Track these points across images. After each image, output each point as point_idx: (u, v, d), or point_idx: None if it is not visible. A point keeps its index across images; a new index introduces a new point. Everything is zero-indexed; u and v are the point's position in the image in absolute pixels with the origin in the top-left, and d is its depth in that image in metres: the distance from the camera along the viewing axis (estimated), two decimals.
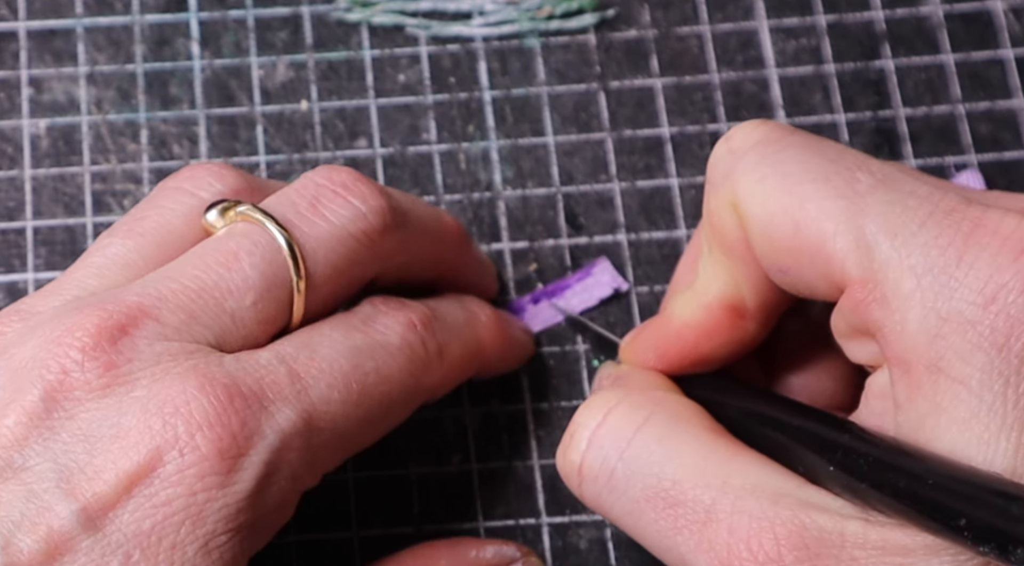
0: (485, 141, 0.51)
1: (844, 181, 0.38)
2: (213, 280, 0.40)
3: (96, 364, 0.38)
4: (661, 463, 0.40)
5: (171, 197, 0.42)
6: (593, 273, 0.50)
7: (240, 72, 0.52)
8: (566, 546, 0.46)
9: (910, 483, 0.36)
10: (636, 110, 0.52)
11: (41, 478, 0.37)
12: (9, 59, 0.52)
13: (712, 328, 0.43)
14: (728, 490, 0.38)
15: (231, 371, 0.38)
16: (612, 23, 0.53)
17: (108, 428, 0.37)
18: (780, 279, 0.40)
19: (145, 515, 0.37)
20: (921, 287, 0.36)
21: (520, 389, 0.48)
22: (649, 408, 0.41)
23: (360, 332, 0.41)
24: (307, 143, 0.51)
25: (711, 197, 0.41)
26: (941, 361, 0.36)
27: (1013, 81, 0.53)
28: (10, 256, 0.49)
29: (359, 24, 0.53)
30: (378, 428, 0.42)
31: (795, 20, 0.53)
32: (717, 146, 0.41)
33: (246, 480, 0.38)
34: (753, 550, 0.37)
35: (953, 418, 0.36)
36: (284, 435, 0.39)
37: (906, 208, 0.37)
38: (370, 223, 0.42)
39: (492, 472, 0.47)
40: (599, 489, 0.41)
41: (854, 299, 0.38)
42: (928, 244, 0.37)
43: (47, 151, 0.51)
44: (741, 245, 0.41)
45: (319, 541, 0.46)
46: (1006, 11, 0.53)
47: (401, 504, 0.47)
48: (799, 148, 0.40)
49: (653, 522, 0.39)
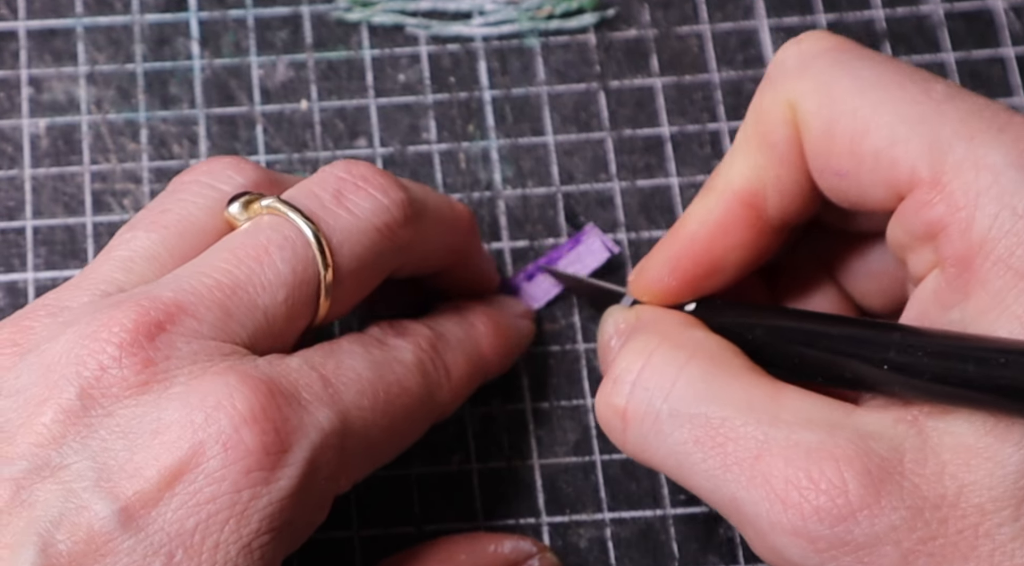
0: (485, 140, 0.51)
1: (920, 89, 0.39)
2: (246, 275, 0.39)
3: (134, 361, 0.37)
4: (708, 402, 0.39)
5: (191, 190, 0.42)
6: (583, 240, 0.50)
7: (240, 72, 0.52)
8: (566, 546, 0.46)
9: (980, 367, 0.35)
10: (636, 110, 0.52)
11: (80, 476, 0.36)
12: (9, 59, 0.52)
13: (728, 224, 0.42)
14: (780, 424, 0.38)
15: (267, 372, 0.38)
16: (612, 23, 0.53)
17: (148, 424, 0.37)
18: (833, 184, 0.40)
19: (188, 513, 0.36)
20: (998, 183, 0.37)
21: (520, 389, 0.48)
22: (690, 348, 0.40)
23: (377, 348, 0.41)
24: (307, 143, 0.51)
25: (766, 94, 0.41)
26: (1012, 257, 0.36)
27: (1014, 79, 0.53)
28: (10, 256, 0.49)
29: (359, 24, 0.53)
30: (400, 441, 0.42)
31: (795, 19, 0.53)
32: (784, 47, 0.41)
33: (290, 477, 0.37)
34: (814, 478, 0.37)
35: (1016, 313, 0.36)
36: (324, 433, 0.38)
37: (983, 117, 0.38)
38: (392, 215, 0.41)
39: (492, 472, 0.47)
40: (644, 433, 0.40)
41: (919, 201, 0.38)
42: (1008, 145, 0.37)
43: (47, 151, 0.51)
44: (784, 145, 0.40)
45: (319, 541, 0.46)
46: (1006, 9, 0.53)
47: (401, 504, 0.47)
48: (872, 59, 0.40)
49: (701, 462, 0.39)
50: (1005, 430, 0.36)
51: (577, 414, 0.48)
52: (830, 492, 0.36)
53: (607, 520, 0.47)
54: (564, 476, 0.47)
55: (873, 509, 0.36)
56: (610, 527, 0.47)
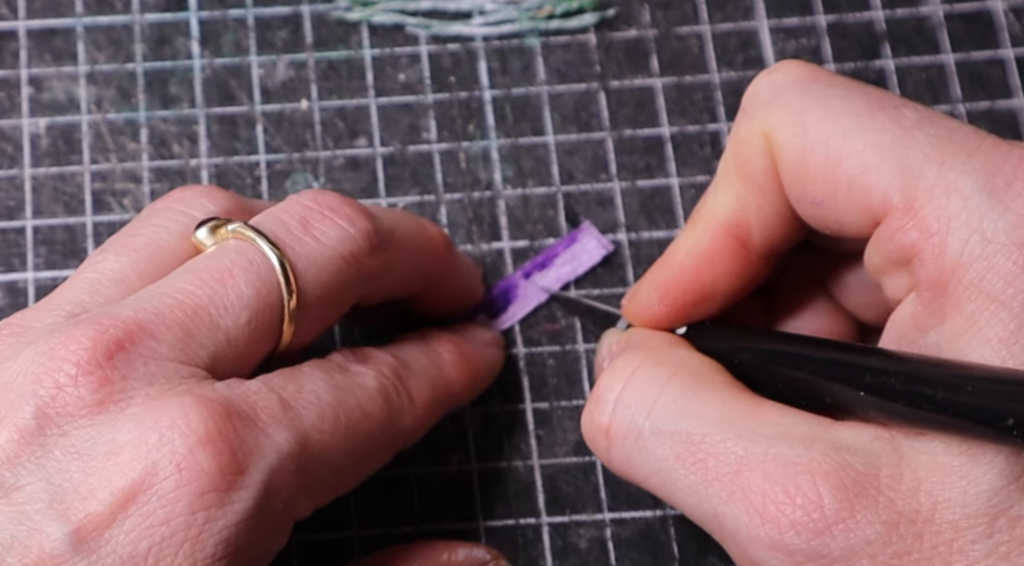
0: (485, 140, 0.51)
1: (889, 116, 0.39)
2: (208, 296, 0.39)
3: (91, 379, 0.37)
4: (688, 418, 0.40)
5: (163, 216, 0.42)
6: (579, 238, 0.50)
7: (240, 71, 0.52)
8: (566, 546, 0.46)
9: (948, 393, 0.36)
10: (636, 110, 0.52)
11: (33, 498, 0.36)
12: (9, 58, 0.52)
13: (714, 255, 0.43)
14: (758, 439, 0.39)
15: (225, 394, 0.38)
16: (612, 23, 0.53)
17: (103, 445, 0.36)
18: (810, 212, 0.40)
19: (141, 535, 0.36)
20: (968, 209, 0.37)
21: (520, 389, 0.48)
22: (672, 366, 0.41)
23: (339, 373, 0.41)
24: (307, 142, 0.51)
25: (742, 125, 0.41)
26: (982, 281, 0.37)
27: (1013, 81, 0.53)
28: (10, 255, 0.49)
29: (359, 23, 0.53)
30: (363, 466, 0.42)
31: (795, 20, 0.53)
32: (757, 79, 0.42)
33: (247, 499, 0.37)
34: (791, 493, 0.37)
35: (988, 337, 0.37)
36: (282, 455, 0.38)
37: (952, 141, 0.38)
38: (358, 244, 0.42)
39: (492, 472, 0.47)
40: (628, 450, 0.41)
41: (893, 227, 0.38)
42: (977, 170, 0.37)
43: (47, 150, 0.51)
44: (763, 175, 0.41)
45: (319, 541, 0.46)
46: (1006, 11, 0.53)
47: (401, 504, 0.47)
48: (843, 87, 0.40)
49: (683, 478, 0.39)
50: (978, 450, 0.37)
51: (577, 414, 0.48)
52: (806, 506, 0.37)
53: (607, 520, 0.47)
54: (564, 476, 0.47)
55: (848, 523, 0.37)
56: (610, 527, 0.47)
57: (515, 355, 0.49)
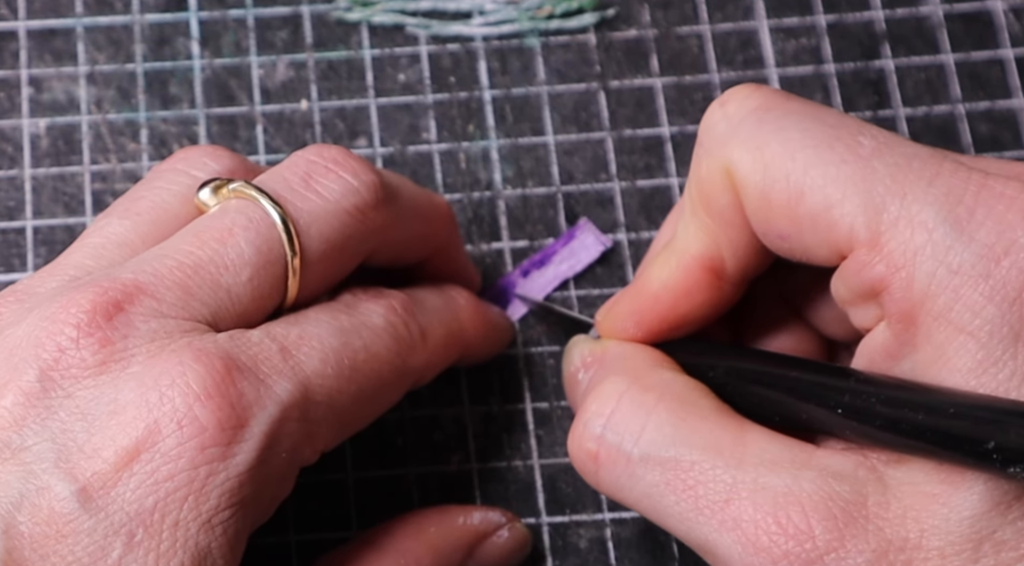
0: (485, 140, 0.51)
1: (846, 146, 0.39)
2: (208, 256, 0.40)
3: (91, 341, 0.38)
4: (677, 445, 0.40)
5: (166, 177, 0.42)
6: (577, 236, 0.50)
7: (240, 72, 0.52)
8: (566, 546, 0.46)
9: (929, 416, 0.36)
10: (636, 110, 0.52)
11: (40, 458, 0.37)
12: (9, 59, 0.52)
13: (690, 288, 0.43)
14: (746, 467, 0.39)
15: (225, 347, 0.38)
16: (612, 23, 0.53)
17: (105, 405, 0.37)
18: (777, 245, 0.40)
19: (147, 492, 0.37)
20: (932, 241, 0.37)
21: (520, 389, 0.48)
22: (659, 391, 0.41)
23: (345, 314, 0.41)
24: (307, 142, 0.51)
25: (702, 162, 0.41)
26: (950, 313, 0.37)
27: (1013, 81, 0.53)
28: (10, 256, 0.49)
29: (359, 23, 0.53)
30: (371, 407, 0.42)
31: (795, 20, 0.53)
32: (710, 110, 0.41)
33: (248, 451, 0.38)
34: (782, 524, 0.38)
35: (957, 367, 0.37)
36: (283, 406, 0.38)
37: (911, 169, 0.38)
38: (363, 197, 0.42)
39: (492, 472, 0.47)
40: (617, 476, 0.41)
41: (859, 262, 0.38)
42: (939, 201, 0.37)
43: (47, 150, 0.51)
44: (729, 210, 0.41)
45: (319, 541, 0.46)
46: (1006, 11, 0.53)
47: (401, 504, 0.47)
48: (798, 114, 0.40)
49: (674, 504, 0.39)
50: (958, 477, 0.37)
51: None
52: (798, 537, 0.37)
53: (607, 520, 0.47)
54: (564, 476, 0.47)
55: (840, 552, 0.37)
56: (610, 527, 0.47)
57: (515, 355, 0.49)
